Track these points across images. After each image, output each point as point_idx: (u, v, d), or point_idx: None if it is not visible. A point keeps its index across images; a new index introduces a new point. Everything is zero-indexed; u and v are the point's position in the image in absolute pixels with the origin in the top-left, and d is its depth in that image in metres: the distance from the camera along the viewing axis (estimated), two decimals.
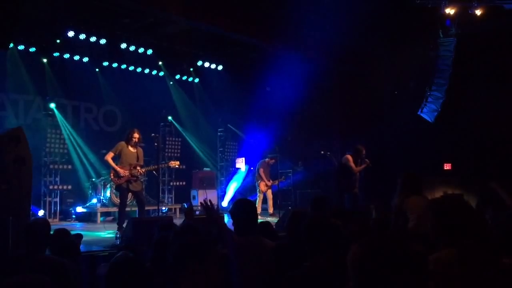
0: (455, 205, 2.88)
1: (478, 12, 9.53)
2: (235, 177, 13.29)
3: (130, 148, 8.43)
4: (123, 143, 8.41)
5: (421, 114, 11.53)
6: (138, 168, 8.43)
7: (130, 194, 8.77)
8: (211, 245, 2.39)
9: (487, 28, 9.88)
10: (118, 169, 8.20)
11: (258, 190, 11.52)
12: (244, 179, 13.66)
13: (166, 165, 10.07)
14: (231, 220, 3.83)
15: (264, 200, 11.63)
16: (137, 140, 8.43)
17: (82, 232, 6.36)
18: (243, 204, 3.85)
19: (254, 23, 10.24)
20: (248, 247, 3.35)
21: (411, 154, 11.23)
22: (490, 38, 10.19)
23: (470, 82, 10.90)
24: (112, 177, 8.32)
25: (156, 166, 8.80)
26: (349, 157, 9.82)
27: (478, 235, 2.50)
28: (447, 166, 11.98)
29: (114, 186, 10.60)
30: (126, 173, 8.25)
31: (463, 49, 10.55)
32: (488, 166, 10.37)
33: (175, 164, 9.65)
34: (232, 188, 13.18)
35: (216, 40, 11.42)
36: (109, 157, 8.29)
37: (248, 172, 13.38)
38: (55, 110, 10.89)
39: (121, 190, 8.39)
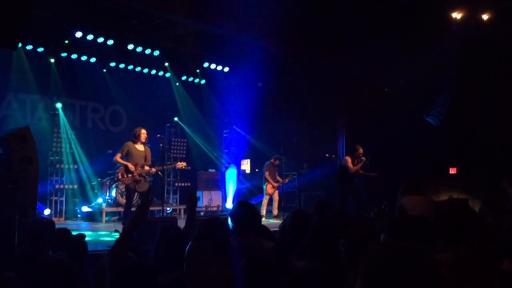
0: (458, 209, 2.89)
1: (485, 16, 9.51)
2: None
3: (138, 147, 8.42)
4: (129, 143, 8.40)
5: (427, 118, 11.52)
6: (147, 167, 8.42)
7: (136, 194, 8.78)
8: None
9: (494, 32, 9.84)
10: (129, 164, 8.19)
11: (264, 192, 11.54)
12: (248, 181, 13.69)
13: (173, 165, 10.11)
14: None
15: (270, 202, 11.64)
16: (145, 138, 8.43)
17: (87, 232, 6.41)
18: (242, 206, 3.89)
19: (261, 25, 10.26)
20: (247, 248, 3.37)
21: (416, 158, 11.20)
22: (497, 43, 10.15)
23: (476, 87, 10.86)
24: (120, 177, 8.33)
25: (163, 167, 8.80)
26: (348, 158, 9.88)
27: (480, 240, 2.51)
28: (452, 170, 11.94)
29: (120, 186, 10.68)
30: (135, 171, 8.25)
31: (469, 53, 10.53)
32: (494, 171, 10.33)
33: (182, 165, 9.69)
34: (230, 189, 13.19)
35: (222, 41, 11.45)
36: (117, 157, 8.31)
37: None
38: (60, 110, 10.97)
39: (128, 190, 8.40)
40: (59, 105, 10.98)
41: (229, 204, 12.98)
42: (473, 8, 9.56)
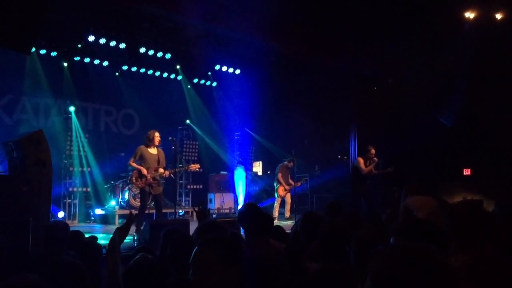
0: (472, 211, 2.85)
1: (498, 16, 9.41)
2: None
3: (151, 150, 8.39)
4: (142, 147, 8.37)
5: (441, 119, 11.42)
6: (162, 169, 8.42)
7: (150, 197, 8.80)
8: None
9: (507, 31, 9.73)
10: (143, 169, 8.21)
11: (276, 194, 11.49)
12: (260, 183, 13.69)
13: (186, 168, 10.13)
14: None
15: (282, 204, 11.60)
16: (159, 141, 8.44)
17: (100, 234, 6.46)
18: (248, 209, 3.88)
19: (273, 27, 10.25)
20: (256, 249, 3.37)
21: (430, 159, 11.12)
22: (510, 42, 10.03)
23: (490, 87, 10.75)
24: (134, 181, 8.34)
25: (176, 169, 8.82)
26: (360, 159, 9.82)
27: (493, 242, 2.48)
28: (466, 172, 11.82)
29: (132, 189, 10.74)
30: (149, 175, 8.29)
31: (483, 53, 10.43)
32: (509, 172, 10.20)
33: (195, 167, 9.68)
34: (240, 191, 13.19)
35: (233, 44, 11.46)
36: (131, 161, 8.34)
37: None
38: (73, 114, 11.08)
39: (143, 193, 8.43)
40: (72, 109, 11.09)
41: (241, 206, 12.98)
42: (486, 8, 9.47)
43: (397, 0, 9.55)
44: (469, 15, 9.62)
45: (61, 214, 10.15)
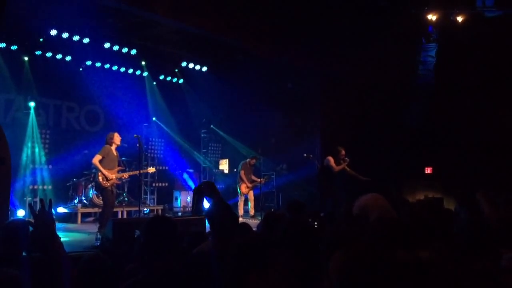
0: (433, 208, 2.92)
1: (459, 18, 9.68)
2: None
3: (114, 152, 8.49)
4: (109, 146, 8.41)
5: (404, 118, 11.67)
6: (123, 173, 8.69)
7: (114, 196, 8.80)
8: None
9: (468, 34, 10.03)
10: (107, 173, 8.22)
11: (239, 192, 11.50)
12: (224, 181, 13.70)
13: (143, 171, 9.95)
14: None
15: (246, 202, 11.62)
16: (119, 142, 8.51)
17: (62, 233, 6.32)
18: (219, 207, 3.85)
19: (242, 26, 10.24)
20: (223, 246, 3.36)
21: (393, 158, 11.33)
22: (472, 44, 10.34)
23: (452, 87, 11.06)
24: (100, 179, 8.27)
25: (137, 171, 9.00)
26: (330, 158, 9.99)
27: (452, 238, 2.55)
28: (428, 170, 12.12)
29: (95, 187, 10.54)
30: (113, 176, 8.32)
31: (445, 54, 10.71)
32: (469, 170, 10.52)
33: (151, 170, 9.84)
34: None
35: (201, 41, 11.40)
36: (97, 160, 8.24)
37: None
38: (32, 110, 10.78)
39: (108, 193, 8.36)
40: (32, 104, 10.78)
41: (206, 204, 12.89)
42: (448, 11, 9.73)
43: (362, 1, 9.69)
44: (432, 17, 9.85)
45: (21, 213, 9.85)
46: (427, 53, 10.67)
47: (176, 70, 13.24)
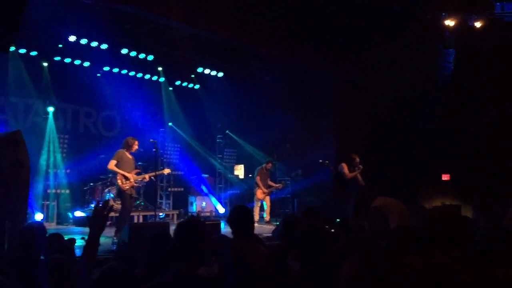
0: (450, 216, 2.89)
1: (477, 24, 9.57)
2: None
3: (129, 156, 8.54)
4: (122, 151, 8.48)
5: (421, 124, 11.56)
6: (144, 175, 8.73)
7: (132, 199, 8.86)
8: None
9: (487, 39, 9.91)
10: (127, 174, 8.29)
11: (255, 197, 11.49)
12: (241, 186, 13.69)
13: (159, 172, 9.99)
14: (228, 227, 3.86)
15: (262, 208, 11.59)
16: (136, 149, 8.61)
17: (79, 237, 6.37)
18: (241, 211, 3.88)
19: (256, 31, 10.26)
20: (247, 252, 3.36)
21: (409, 164, 11.23)
22: (490, 50, 10.22)
23: (469, 93, 10.93)
24: (119, 183, 8.32)
25: (155, 173, 8.97)
26: (344, 164, 9.93)
27: (469, 246, 2.51)
28: (445, 177, 11.97)
29: (112, 190, 10.63)
30: (132, 177, 8.38)
31: (463, 60, 10.60)
32: (487, 178, 10.37)
33: (166, 171, 9.87)
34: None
35: (217, 47, 11.45)
36: (112, 164, 8.33)
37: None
38: (50, 114, 10.92)
39: (126, 196, 8.41)
40: (51, 109, 10.92)
41: (222, 209, 12.92)
42: (466, 17, 9.62)
43: (377, 6, 9.64)
44: (449, 23, 9.76)
45: (39, 216, 9.96)
46: (445, 59, 10.56)
47: (193, 76, 13.31)
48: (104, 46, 10.66)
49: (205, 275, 2.69)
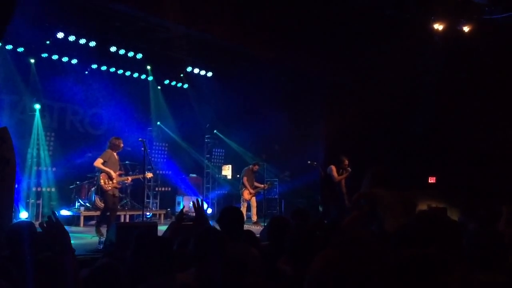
0: (437, 219, 2.91)
1: (466, 28, 9.66)
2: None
3: (116, 157, 8.55)
4: (111, 151, 8.46)
5: (409, 126, 11.64)
6: (127, 177, 8.88)
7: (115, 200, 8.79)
8: None
9: (476, 43, 10.00)
10: (113, 173, 8.25)
11: (241, 198, 11.50)
12: (227, 186, 13.68)
13: (140, 176, 9.87)
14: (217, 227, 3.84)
15: (248, 208, 11.60)
16: (121, 148, 8.60)
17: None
18: (231, 212, 3.88)
19: (247, 32, 10.25)
20: (237, 254, 3.36)
21: (396, 166, 11.28)
22: (478, 54, 10.32)
23: (457, 97, 11.04)
24: (102, 183, 8.27)
25: (138, 176, 9.05)
26: (333, 167, 9.99)
27: (456, 249, 2.53)
28: (431, 180, 12.07)
29: (96, 191, 10.54)
30: (115, 179, 8.36)
31: (450, 63, 10.69)
32: (473, 180, 10.48)
33: (148, 175, 9.79)
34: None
35: (207, 46, 11.42)
36: (99, 162, 8.28)
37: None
38: (37, 112, 10.80)
39: (109, 196, 8.37)
40: (37, 106, 10.80)
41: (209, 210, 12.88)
42: (455, 20, 9.70)
43: (369, 10, 9.68)
44: (438, 26, 9.83)
45: (24, 215, 9.84)
46: (434, 61, 10.65)
47: (181, 75, 13.26)
48: (92, 44, 10.55)
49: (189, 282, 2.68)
